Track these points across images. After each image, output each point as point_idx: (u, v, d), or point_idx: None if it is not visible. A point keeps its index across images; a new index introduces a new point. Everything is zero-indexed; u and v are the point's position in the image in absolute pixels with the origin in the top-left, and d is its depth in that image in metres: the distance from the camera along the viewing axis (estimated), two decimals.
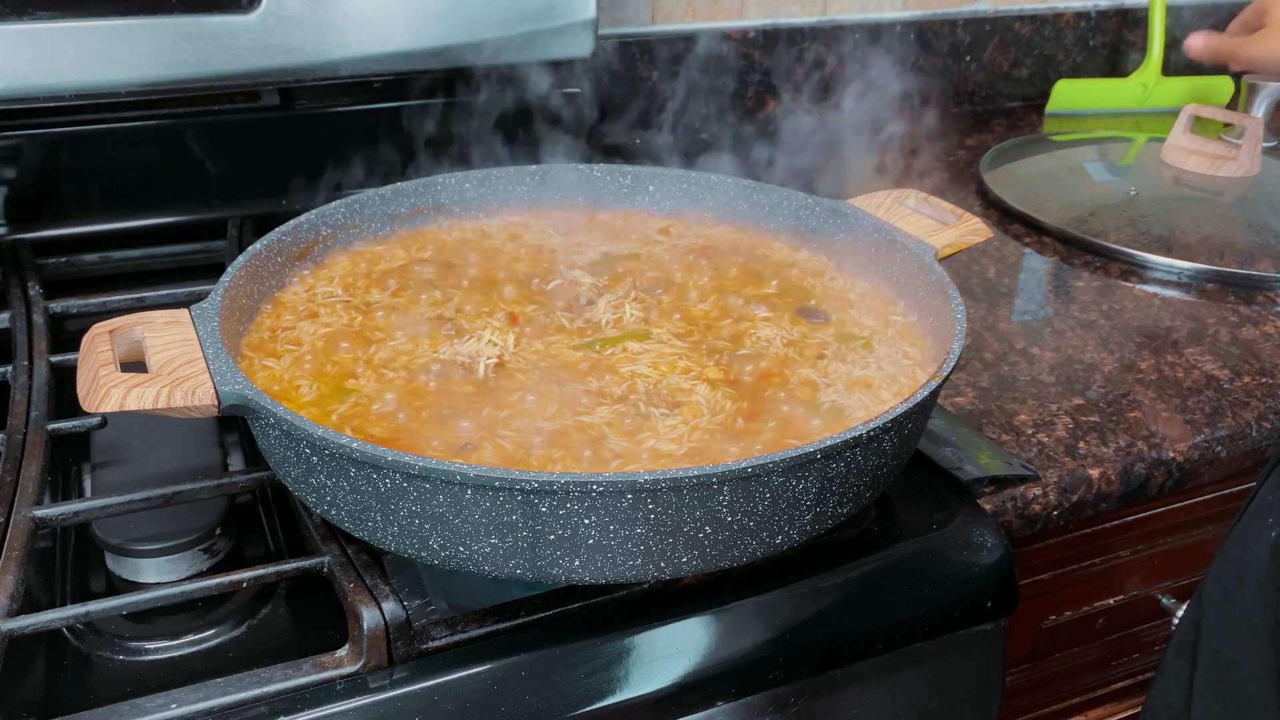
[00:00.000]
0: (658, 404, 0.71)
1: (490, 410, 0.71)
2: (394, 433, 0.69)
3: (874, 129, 1.09)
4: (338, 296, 0.83)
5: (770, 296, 0.85)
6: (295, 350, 0.76)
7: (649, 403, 0.71)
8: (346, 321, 0.80)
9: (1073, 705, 1.06)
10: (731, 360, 0.77)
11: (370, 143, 1.13)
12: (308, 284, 0.85)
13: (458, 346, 0.77)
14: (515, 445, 0.68)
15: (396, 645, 0.64)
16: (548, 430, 0.69)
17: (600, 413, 0.70)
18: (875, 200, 0.89)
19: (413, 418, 0.70)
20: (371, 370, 0.75)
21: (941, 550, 0.77)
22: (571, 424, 0.69)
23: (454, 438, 0.68)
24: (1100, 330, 1.06)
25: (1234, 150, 1.40)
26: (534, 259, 0.91)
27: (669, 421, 0.70)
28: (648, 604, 0.69)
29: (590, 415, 0.70)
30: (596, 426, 0.69)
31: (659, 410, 0.70)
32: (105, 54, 0.99)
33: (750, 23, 1.48)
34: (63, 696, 0.64)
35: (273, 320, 0.80)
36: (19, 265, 1.01)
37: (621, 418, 0.70)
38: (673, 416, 0.70)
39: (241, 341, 0.76)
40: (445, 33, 1.09)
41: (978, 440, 0.87)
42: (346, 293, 0.84)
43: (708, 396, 0.72)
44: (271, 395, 0.65)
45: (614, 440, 0.68)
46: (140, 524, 0.72)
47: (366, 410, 0.71)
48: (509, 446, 0.67)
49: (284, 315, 0.80)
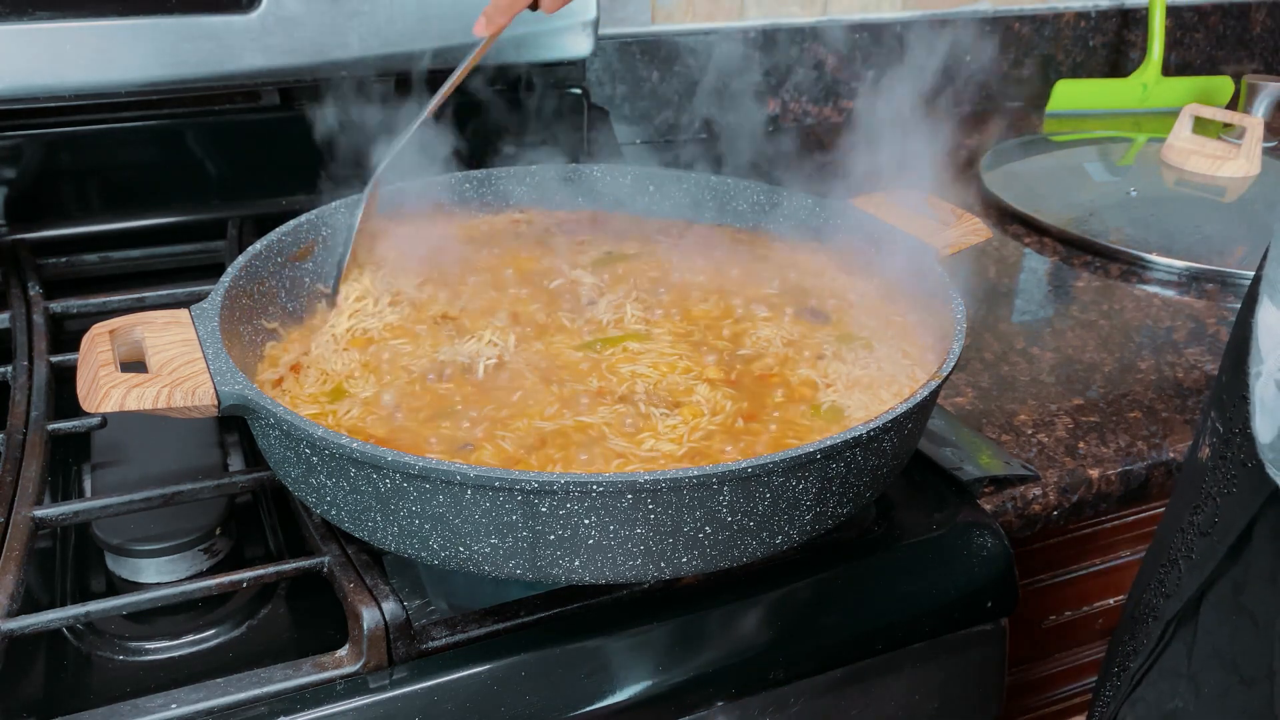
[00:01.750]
0: (658, 404, 0.71)
1: (490, 410, 0.71)
2: (393, 433, 0.69)
3: (874, 129, 1.09)
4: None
5: (770, 297, 0.85)
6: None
7: (649, 402, 0.71)
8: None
9: (1073, 705, 1.06)
10: (732, 360, 0.77)
11: (370, 143, 1.13)
12: None
13: (458, 346, 0.77)
14: (515, 445, 0.68)
15: (396, 645, 0.64)
16: (547, 430, 0.69)
17: (601, 413, 0.70)
18: (875, 200, 0.89)
19: (411, 418, 0.70)
20: (371, 371, 0.75)
21: (941, 550, 0.76)
22: (571, 424, 0.69)
23: (453, 438, 0.68)
24: (1100, 330, 1.06)
25: (1234, 150, 1.40)
26: (535, 259, 0.91)
27: (669, 421, 0.70)
28: (648, 604, 0.69)
29: (590, 415, 0.70)
30: (596, 426, 0.69)
31: (659, 410, 0.70)
32: (105, 54, 0.99)
33: (750, 23, 1.48)
34: (63, 696, 0.64)
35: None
36: (19, 265, 1.01)
37: (622, 418, 0.70)
38: (673, 416, 0.70)
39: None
40: (445, 33, 1.09)
41: (978, 440, 0.87)
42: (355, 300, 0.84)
43: (708, 396, 0.72)
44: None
45: (614, 440, 0.68)
46: (140, 524, 0.72)
47: (366, 411, 0.71)
48: (509, 447, 0.68)
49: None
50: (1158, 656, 0.69)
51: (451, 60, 1.10)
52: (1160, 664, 0.69)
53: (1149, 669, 0.70)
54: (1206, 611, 0.66)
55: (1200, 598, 0.67)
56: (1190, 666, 0.67)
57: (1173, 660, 0.68)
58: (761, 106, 1.53)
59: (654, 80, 1.44)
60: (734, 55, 1.47)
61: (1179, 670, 0.68)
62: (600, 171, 0.98)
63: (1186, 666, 0.67)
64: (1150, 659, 0.70)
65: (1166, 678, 0.69)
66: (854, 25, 1.54)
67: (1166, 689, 0.69)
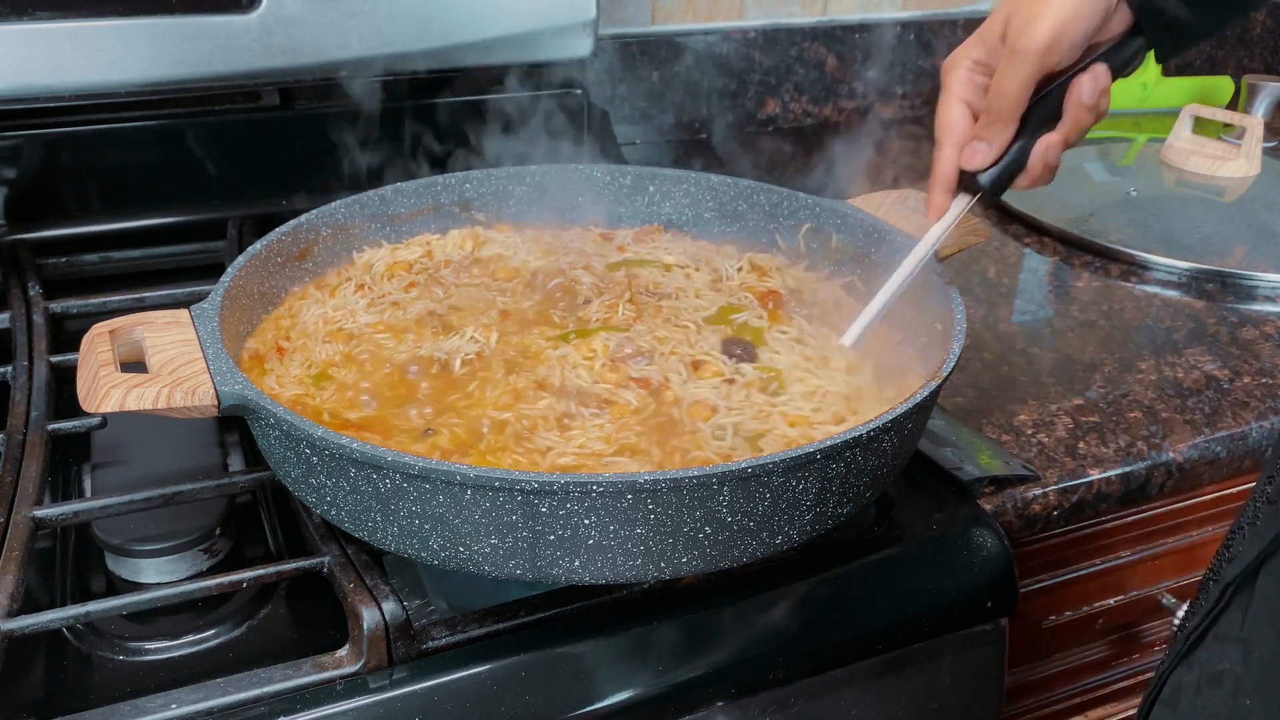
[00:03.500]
0: (589, 403, 0.72)
1: (456, 398, 0.73)
2: (367, 421, 0.71)
3: (874, 129, 1.09)
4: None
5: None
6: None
7: (580, 402, 0.72)
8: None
9: (1073, 705, 1.06)
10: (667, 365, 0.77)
11: (370, 143, 1.13)
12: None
13: (440, 342, 0.78)
14: (467, 432, 0.70)
15: (396, 645, 0.64)
16: (495, 419, 0.70)
17: (542, 405, 0.72)
18: (875, 201, 0.89)
19: (384, 406, 0.72)
20: (353, 362, 0.77)
21: (941, 550, 0.77)
22: (513, 417, 0.71)
23: (418, 425, 0.71)
24: (1100, 330, 1.06)
25: (1234, 150, 1.40)
26: (535, 257, 0.91)
27: (596, 421, 0.70)
28: (648, 604, 0.69)
29: (531, 407, 0.72)
30: (533, 419, 0.70)
31: (588, 410, 0.71)
32: (105, 54, 0.99)
33: (750, 23, 1.48)
34: (63, 696, 0.64)
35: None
36: (19, 265, 1.01)
37: (558, 413, 0.71)
38: (601, 415, 0.71)
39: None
40: (445, 33, 1.09)
41: (978, 440, 0.87)
42: (358, 292, 0.85)
43: (639, 394, 0.73)
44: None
45: (544, 435, 0.69)
46: (140, 524, 0.72)
47: (344, 398, 0.73)
48: (462, 434, 0.69)
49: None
50: (1214, 620, 0.69)
51: (452, 60, 1.10)
52: (1216, 628, 0.69)
53: (1205, 632, 0.70)
54: (1265, 578, 0.66)
55: (1260, 564, 0.66)
56: (1243, 630, 0.66)
57: (1228, 625, 0.68)
58: (761, 106, 1.53)
59: (654, 80, 1.44)
60: (734, 55, 1.47)
61: (1232, 634, 0.67)
62: (600, 172, 0.97)
63: (1240, 630, 0.67)
64: (1206, 621, 0.69)
65: (1220, 641, 0.68)
66: (854, 25, 1.54)
67: (1218, 652, 0.68)
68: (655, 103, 1.45)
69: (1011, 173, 0.74)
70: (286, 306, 0.83)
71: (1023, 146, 0.73)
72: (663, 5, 1.43)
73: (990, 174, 0.73)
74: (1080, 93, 0.71)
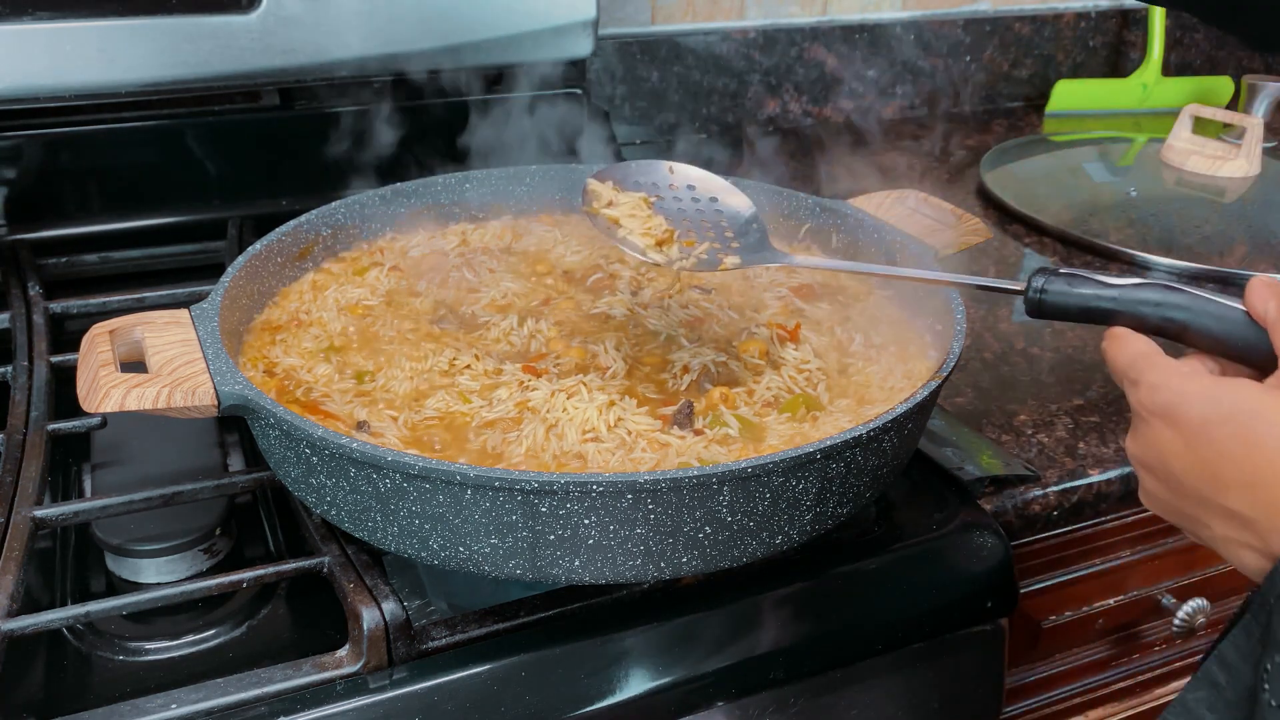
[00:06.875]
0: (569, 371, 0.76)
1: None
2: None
3: (874, 129, 1.09)
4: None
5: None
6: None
7: (561, 372, 0.76)
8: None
9: (1073, 705, 1.06)
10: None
11: (370, 143, 1.13)
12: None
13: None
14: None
15: (396, 645, 0.64)
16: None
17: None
18: (875, 201, 0.89)
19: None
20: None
21: (942, 550, 0.76)
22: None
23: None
24: (1100, 330, 1.06)
25: (1234, 150, 1.40)
26: (537, 254, 0.91)
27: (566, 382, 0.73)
28: (648, 604, 0.69)
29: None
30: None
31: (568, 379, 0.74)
32: (105, 54, 0.99)
33: (750, 23, 1.48)
34: (63, 696, 0.64)
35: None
36: (19, 265, 1.01)
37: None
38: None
39: None
40: (445, 33, 1.09)
41: (978, 440, 0.87)
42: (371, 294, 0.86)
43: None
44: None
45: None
46: (140, 524, 0.72)
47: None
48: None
49: None
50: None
51: (451, 60, 1.10)
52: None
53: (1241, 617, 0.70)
54: None
55: None
56: None
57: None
58: (760, 106, 1.53)
59: (654, 80, 1.44)
60: (734, 55, 1.47)
61: None
62: None
63: None
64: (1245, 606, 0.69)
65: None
66: (854, 25, 1.54)
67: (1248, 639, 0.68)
68: (655, 103, 1.45)
69: None
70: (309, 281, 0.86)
71: None
72: (662, 5, 1.43)
73: None
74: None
